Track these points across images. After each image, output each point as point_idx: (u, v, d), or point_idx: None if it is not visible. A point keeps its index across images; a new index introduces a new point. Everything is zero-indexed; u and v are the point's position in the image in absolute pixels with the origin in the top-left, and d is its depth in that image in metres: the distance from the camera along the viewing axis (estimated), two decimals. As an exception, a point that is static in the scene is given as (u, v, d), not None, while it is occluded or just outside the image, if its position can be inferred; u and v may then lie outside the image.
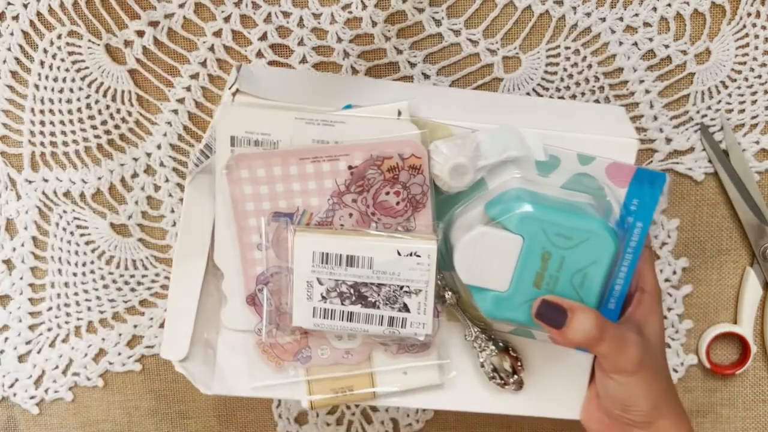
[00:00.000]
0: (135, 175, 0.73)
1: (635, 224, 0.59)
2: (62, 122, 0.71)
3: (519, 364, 0.64)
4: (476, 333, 0.63)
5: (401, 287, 0.59)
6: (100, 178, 0.73)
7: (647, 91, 0.70)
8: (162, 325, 0.76)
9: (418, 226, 0.60)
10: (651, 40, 0.69)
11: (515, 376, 0.64)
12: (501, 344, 0.63)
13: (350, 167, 0.59)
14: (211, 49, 0.70)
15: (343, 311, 0.61)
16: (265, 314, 0.62)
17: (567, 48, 0.70)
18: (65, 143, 0.72)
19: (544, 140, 0.58)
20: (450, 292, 0.62)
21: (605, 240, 0.56)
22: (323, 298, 0.60)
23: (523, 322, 0.58)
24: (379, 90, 0.62)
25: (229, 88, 0.58)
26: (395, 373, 0.64)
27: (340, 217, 0.60)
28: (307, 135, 0.58)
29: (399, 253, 0.59)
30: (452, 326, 0.64)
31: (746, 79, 0.70)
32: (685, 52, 0.70)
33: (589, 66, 0.70)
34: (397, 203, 0.59)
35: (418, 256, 0.59)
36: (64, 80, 0.70)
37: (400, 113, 0.58)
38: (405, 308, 0.60)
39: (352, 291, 0.60)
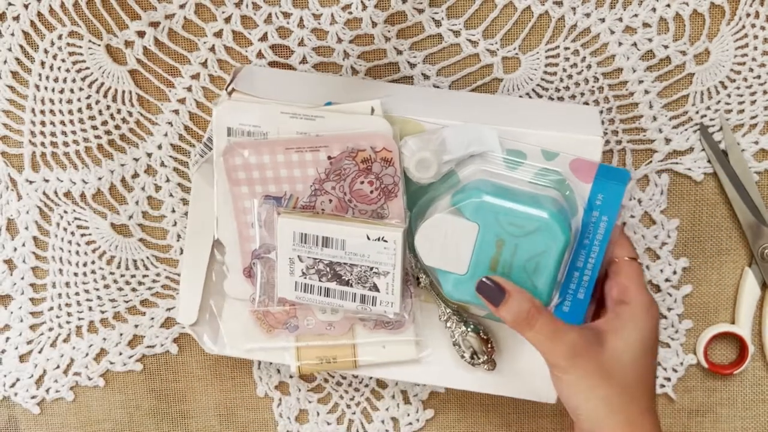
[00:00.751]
0: (136, 175, 0.73)
1: (600, 218, 0.64)
2: (63, 122, 0.71)
3: (490, 345, 0.68)
4: (448, 314, 0.68)
5: (371, 268, 0.65)
6: (100, 179, 0.73)
7: (646, 92, 0.70)
8: (163, 325, 0.76)
9: (391, 213, 0.66)
10: (650, 40, 0.69)
11: (485, 356, 0.68)
12: (472, 326, 0.68)
13: (329, 157, 0.65)
14: (212, 49, 0.70)
15: (320, 287, 0.67)
16: (258, 285, 0.69)
17: (566, 48, 0.70)
18: (66, 143, 0.72)
19: (512, 137, 0.63)
20: (423, 275, 0.67)
21: (554, 231, 0.60)
22: (303, 274, 0.67)
23: (479, 303, 0.62)
24: (361, 88, 0.67)
25: (226, 88, 0.65)
26: (374, 345, 0.70)
27: (321, 203, 0.66)
28: (291, 127, 0.64)
29: (368, 238, 0.64)
30: (430, 307, 0.69)
31: (745, 80, 0.70)
32: (684, 53, 0.70)
33: (589, 66, 0.70)
34: (371, 192, 0.65)
35: (385, 241, 0.64)
36: (64, 80, 0.70)
37: (373, 110, 0.64)
38: (375, 288, 0.66)
39: (328, 269, 0.66)
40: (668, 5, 0.68)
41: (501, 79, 0.70)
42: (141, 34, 0.69)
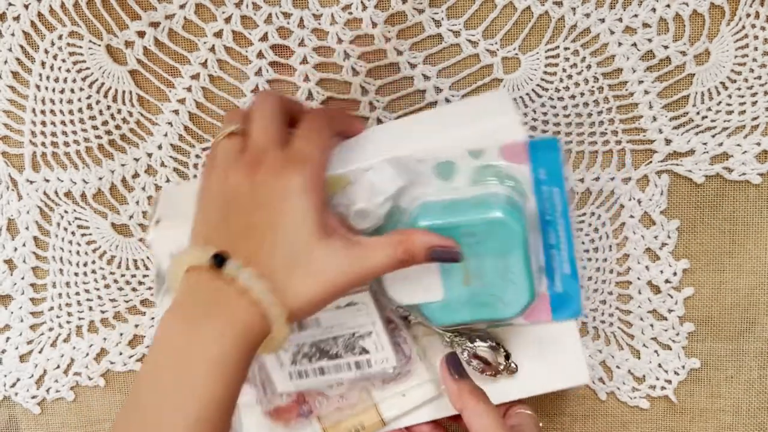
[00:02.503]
0: (136, 175, 0.73)
1: (552, 191, 0.62)
2: (63, 122, 0.71)
3: (502, 351, 0.66)
4: (450, 338, 0.66)
5: (353, 334, 0.64)
6: (101, 179, 0.73)
7: (646, 92, 0.70)
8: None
9: None
10: (650, 40, 0.69)
11: (502, 365, 0.66)
12: (478, 340, 0.66)
13: None
14: (212, 49, 0.70)
15: (314, 369, 0.66)
16: (258, 387, 0.68)
17: (566, 49, 0.70)
18: (66, 143, 0.72)
19: (433, 151, 0.61)
20: (410, 313, 0.65)
21: (507, 225, 0.59)
22: (293, 362, 0.65)
23: (471, 320, 0.62)
24: None
25: (150, 219, 0.64)
26: (394, 397, 0.68)
27: None
28: None
29: (337, 307, 0.63)
30: (435, 338, 0.67)
31: (746, 80, 0.70)
32: (684, 53, 0.70)
33: (588, 67, 0.70)
34: None
35: (355, 304, 0.63)
36: (65, 81, 0.70)
37: None
38: (364, 351, 0.65)
39: (314, 350, 0.65)
40: (668, 5, 0.68)
41: (501, 80, 0.70)
42: (141, 34, 0.70)
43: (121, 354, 0.77)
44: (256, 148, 0.56)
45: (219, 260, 0.52)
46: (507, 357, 0.66)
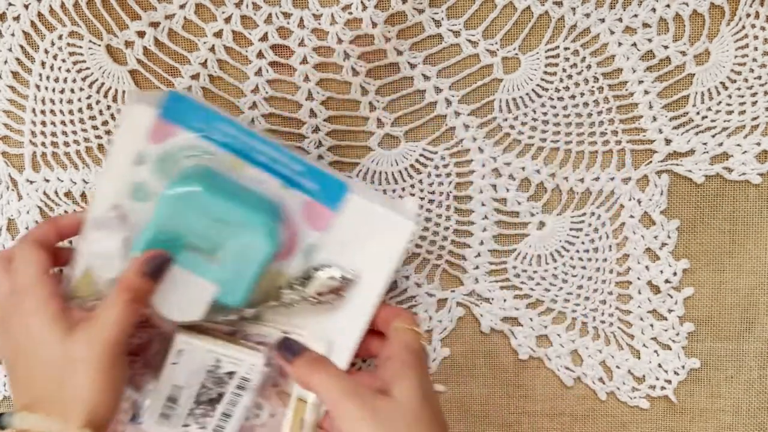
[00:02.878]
0: (136, 176, 0.73)
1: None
2: (63, 122, 0.71)
3: (334, 268, 0.65)
4: (287, 294, 0.65)
5: (209, 372, 0.65)
6: (101, 179, 0.73)
7: (646, 92, 0.70)
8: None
9: None
10: (650, 40, 0.69)
11: (342, 278, 0.65)
12: (309, 277, 0.65)
13: None
14: (212, 49, 0.70)
15: (219, 417, 0.66)
16: None
17: (566, 49, 0.70)
18: (66, 143, 0.72)
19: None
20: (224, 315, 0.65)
21: (264, 235, 0.61)
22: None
23: (255, 281, 0.63)
24: None
25: None
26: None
27: None
28: None
29: (173, 364, 0.65)
30: (278, 308, 0.66)
31: (746, 80, 0.70)
32: (684, 53, 0.70)
33: (588, 66, 0.70)
34: None
35: (182, 351, 0.64)
36: (65, 81, 0.70)
37: None
38: (231, 374, 0.65)
39: (200, 407, 0.66)
40: (668, 5, 0.68)
41: (501, 80, 0.70)
42: (141, 34, 0.70)
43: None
44: None
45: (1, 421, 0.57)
46: (339, 272, 0.65)
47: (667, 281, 0.74)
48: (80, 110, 0.71)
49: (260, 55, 0.70)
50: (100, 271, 0.63)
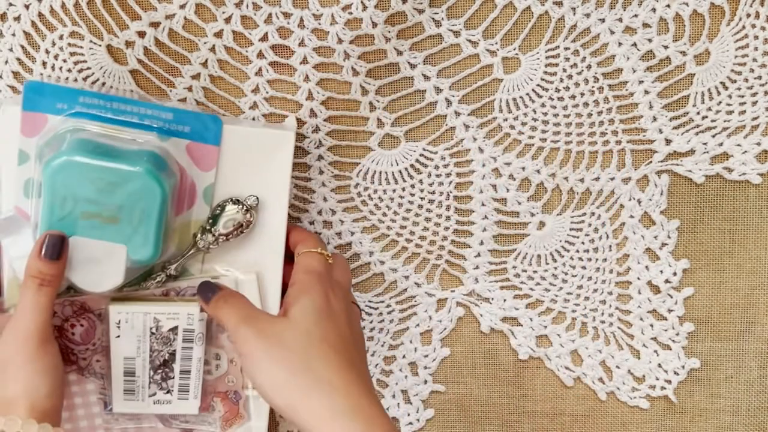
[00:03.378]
0: (136, 176, 0.73)
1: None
2: (64, 122, 0.71)
3: (237, 201, 0.68)
4: (201, 240, 0.67)
5: (152, 331, 0.66)
6: (101, 178, 0.73)
7: (646, 92, 0.70)
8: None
9: None
10: (650, 40, 0.69)
11: (244, 206, 0.68)
12: (214, 219, 0.68)
13: None
14: (212, 49, 0.70)
15: (178, 371, 0.68)
16: None
17: (566, 49, 0.70)
18: (67, 143, 0.72)
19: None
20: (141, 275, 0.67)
21: (149, 184, 0.62)
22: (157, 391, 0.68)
23: (159, 235, 0.64)
24: None
25: None
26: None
27: None
28: None
29: (117, 338, 0.66)
30: (192, 260, 0.69)
31: (746, 80, 0.70)
32: (684, 53, 0.70)
33: (589, 67, 0.70)
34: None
35: (119, 325, 0.66)
36: (66, 81, 0.70)
37: None
38: (174, 330, 0.67)
39: (159, 370, 0.67)
40: (668, 5, 0.68)
41: (501, 80, 0.70)
42: (141, 34, 0.70)
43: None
44: None
45: None
46: (240, 201, 0.67)
47: (667, 281, 0.74)
48: (81, 110, 0.71)
49: (260, 55, 0.70)
50: (23, 273, 0.64)
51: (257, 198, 0.67)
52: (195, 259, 0.68)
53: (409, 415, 0.77)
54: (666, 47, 0.70)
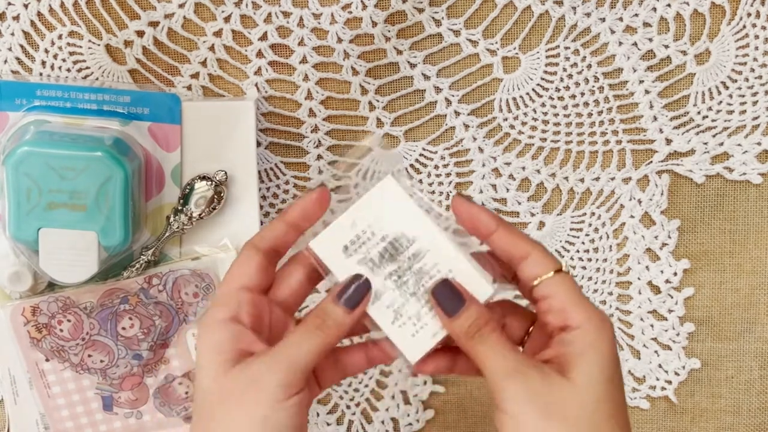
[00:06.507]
0: (135, 175, 0.73)
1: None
2: (63, 122, 0.71)
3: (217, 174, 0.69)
4: (175, 220, 0.68)
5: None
6: (100, 178, 0.73)
7: (647, 92, 0.70)
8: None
9: None
10: (651, 40, 0.69)
11: (215, 181, 0.69)
12: (190, 201, 0.69)
13: None
14: (212, 48, 0.70)
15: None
16: None
17: (566, 48, 0.70)
18: (66, 143, 0.72)
19: None
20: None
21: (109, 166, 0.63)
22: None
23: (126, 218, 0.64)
24: None
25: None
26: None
27: None
28: None
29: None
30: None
31: (747, 80, 0.70)
32: (684, 53, 0.70)
33: (589, 66, 0.70)
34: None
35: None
36: (65, 80, 0.70)
37: None
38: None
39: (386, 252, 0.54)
40: (669, 5, 0.68)
41: (501, 79, 0.70)
42: (140, 33, 0.70)
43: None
44: None
45: None
46: (209, 177, 0.68)
47: (667, 281, 0.74)
48: (80, 109, 0.71)
49: (260, 54, 0.70)
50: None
51: (225, 173, 0.68)
52: (172, 242, 0.69)
53: (408, 415, 0.77)
54: (666, 47, 0.69)
